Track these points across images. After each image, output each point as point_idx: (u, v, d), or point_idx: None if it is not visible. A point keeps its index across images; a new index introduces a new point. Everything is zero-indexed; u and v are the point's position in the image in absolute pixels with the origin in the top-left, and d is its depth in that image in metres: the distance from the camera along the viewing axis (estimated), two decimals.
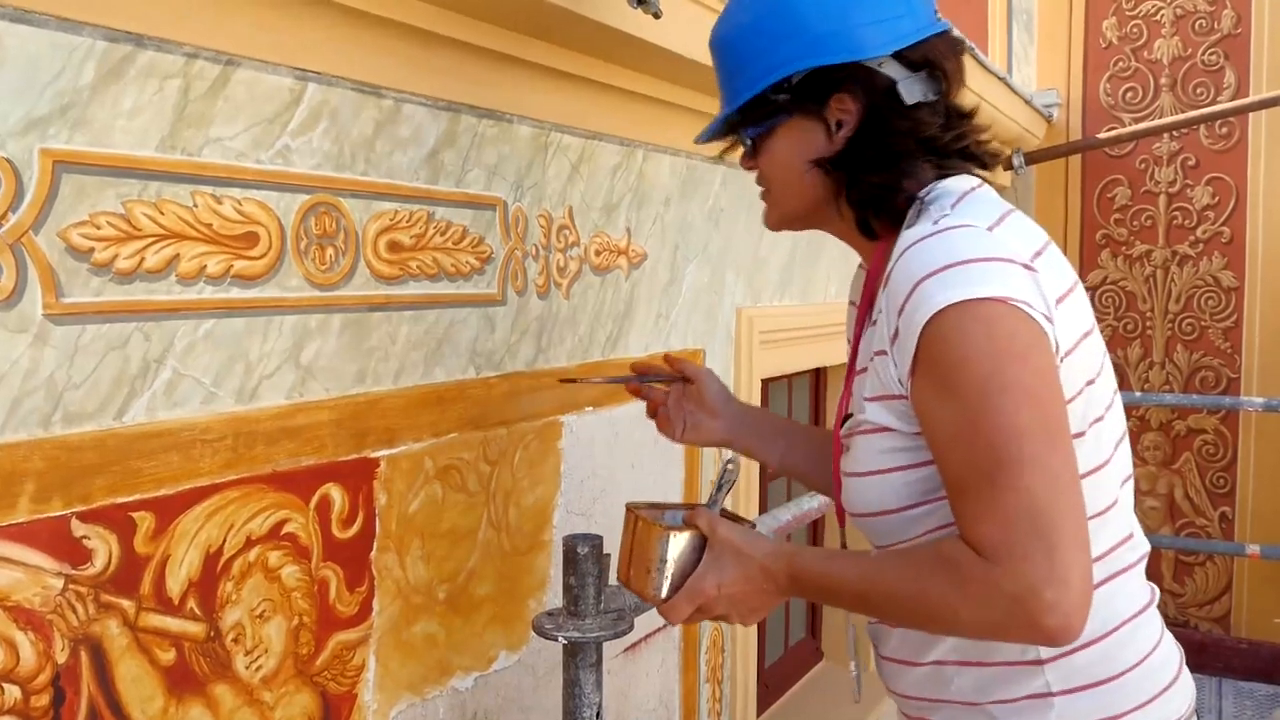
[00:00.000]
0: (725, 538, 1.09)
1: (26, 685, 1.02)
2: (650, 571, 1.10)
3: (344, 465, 1.38)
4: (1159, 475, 4.37)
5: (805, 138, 1.13)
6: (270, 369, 1.28)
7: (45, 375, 1.04)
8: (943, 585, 0.94)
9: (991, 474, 0.92)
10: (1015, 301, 0.94)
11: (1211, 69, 4.17)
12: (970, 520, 0.94)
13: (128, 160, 1.10)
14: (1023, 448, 0.91)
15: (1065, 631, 0.89)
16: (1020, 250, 0.99)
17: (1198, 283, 4.25)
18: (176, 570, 1.17)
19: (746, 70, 1.14)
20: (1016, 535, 0.89)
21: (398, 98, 1.45)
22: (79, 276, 1.06)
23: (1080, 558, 0.90)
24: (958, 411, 0.95)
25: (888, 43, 1.09)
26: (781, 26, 1.11)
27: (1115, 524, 1.09)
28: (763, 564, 1.07)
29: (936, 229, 0.99)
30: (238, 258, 1.22)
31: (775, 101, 1.13)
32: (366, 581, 1.42)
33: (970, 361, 0.93)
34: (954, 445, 0.96)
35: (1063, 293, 1.02)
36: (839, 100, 1.11)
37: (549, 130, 1.77)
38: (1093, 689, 1.07)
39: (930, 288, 0.96)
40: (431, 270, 1.52)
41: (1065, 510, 0.90)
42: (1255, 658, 4.09)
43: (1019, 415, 0.92)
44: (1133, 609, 1.10)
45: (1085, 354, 1.03)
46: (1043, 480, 0.90)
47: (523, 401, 1.72)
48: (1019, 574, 0.89)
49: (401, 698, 1.50)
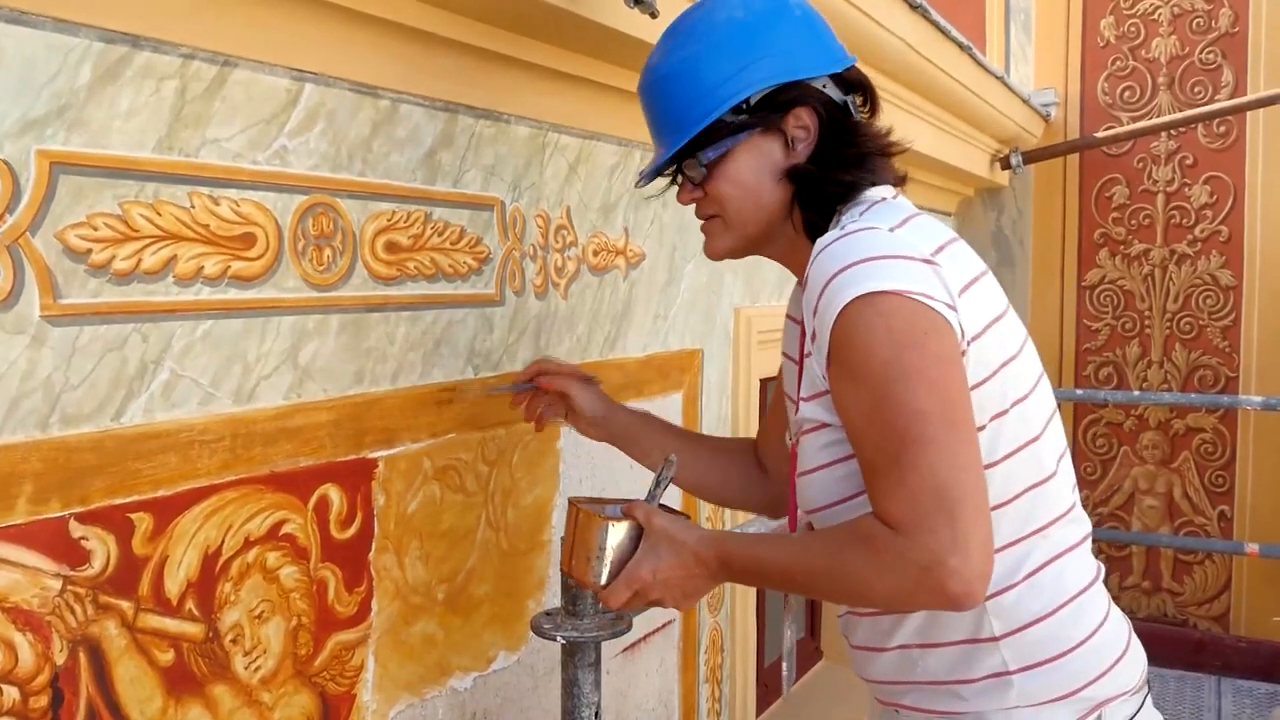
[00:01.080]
0: (660, 526, 1.16)
1: (25, 686, 1.02)
2: (590, 559, 1.17)
3: (342, 466, 1.38)
4: (1158, 474, 4.37)
5: (765, 153, 1.21)
6: (268, 370, 1.28)
7: (43, 376, 1.04)
8: (858, 558, 1.02)
9: (896, 454, 1.00)
10: (913, 294, 1.02)
11: (1209, 68, 4.18)
12: (880, 498, 1.02)
13: (125, 161, 1.10)
14: (924, 429, 0.99)
15: (968, 597, 0.97)
16: (920, 247, 1.07)
17: (1196, 281, 4.25)
18: (175, 571, 1.17)
19: (706, 97, 1.20)
20: (921, 509, 0.97)
21: (395, 98, 1.45)
22: (76, 278, 1.06)
23: (981, 529, 0.98)
24: (864, 398, 1.03)
25: (829, 65, 1.21)
26: (740, 51, 1.19)
27: (1055, 496, 1.16)
28: (695, 550, 1.14)
29: (843, 233, 1.09)
30: (235, 258, 1.23)
31: (732, 123, 1.20)
32: (365, 582, 1.42)
33: (872, 351, 1.02)
34: (864, 430, 1.04)
35: (967, 282, 1.09)
36: (796, 116, 1.20)
37: (546, 130, 1.77)
38: (1047, 665, 1.13)
39: (836, 285, 1.04)
40: (429, 271, 1.52)
41: (966, 485, 0.98)
42: (1254, 656, 4.09)
43: (918, 399, 1.00)
44: (1079, 585, 1.17)
45: (998, 336, 1.10)
46: (943, 458, 0.98)
47: None
48: (925, 544, 0.97)
49: (400, 698, 1.50)
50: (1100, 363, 4.41)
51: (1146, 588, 4.39)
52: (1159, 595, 4.38)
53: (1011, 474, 1.11)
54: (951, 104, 3.33)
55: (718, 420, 2.43)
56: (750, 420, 2.55)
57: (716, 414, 2.42)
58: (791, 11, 1.22)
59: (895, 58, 2.70)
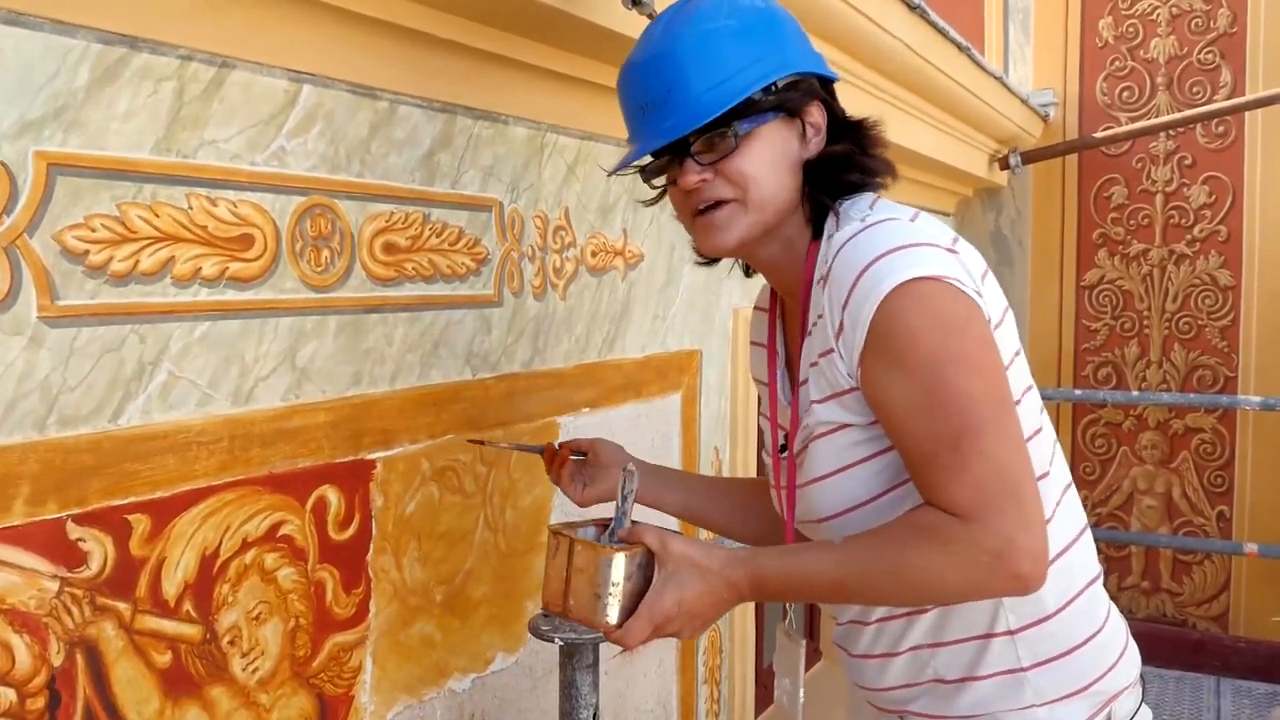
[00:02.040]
0: (680, 553, 1.07)
1: (22, 688, 1.02)
2: (599, 596, 1.05)
3: (340, 467, 1.38)
4: (1156, 474, 4.37)
5: (786, 140, 1.18)
6: (266, 371, 1.28)
7: (40, 378, 1.04)
8: (925, 552, 0.99)
9: (956, 441, 0.99)
10: (948, 279, 1.02)
11: (1208, 68, 4.18)
12: (941, 487, 1.00)
13: (122, 163, 1.10)
14: (981, 413, 0.99)
15: (1037, 576, 0.97)
16: (940, 238, 1.08)
17: (1195, 281, 4.25)
18: (172, 572, 1.17)
19: (745, 70, 1.13)
20: (989, 494, 0.97)
21: (393, 99, 1.45)
22: (74, 279, 1.06)
23: (1039, 508, 0.99)
24: (912, 387, 1.01)
25: (827, 71, 1.22)
26: (772, 38, 1.18)
27: (1054, 488, 1.16)
28: (723, 574, 1.06)
29: (864, 225, 1.08)
30: (233, 260, 1.22)
31: (762, 102, 1.15)
32: (363, 583, 1.42)
33: (919, 338, 1.01)
34: (913, 420, 1.02)
35: (982, 273, 1.11)
36: (809, 111, 1.19)
37: (545, 131, 1.77)
38: (1060, 660, 1.13)
39: (871, 276, 1.03)
40: (427, 272, 1.52)
41: (1024, 466, 0.99)
42: (1253, 656, 4.10)
43: (970, 384, 1.00)
44: (1087, 577, 1.18)
45: (1008, 330, 1.12)
46: (1001, 441, 0.98)
47: (519, 403, 1.72)
48: (996, 529, 0.96)
49: (398, 699, 1.50)
50: (1099, 363, 4.41)
51: (1145, 588, 4.39)
52: (1158, 595, 4.38)
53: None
54: (950, 104, 3.33)
55: (716, 420, 2.43)
56: (749, 420, 2.55)
57: (715, 414, 2.42)
58: (787, 13, 1.23)
59: (894, 58, 2.70)
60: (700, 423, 2.35)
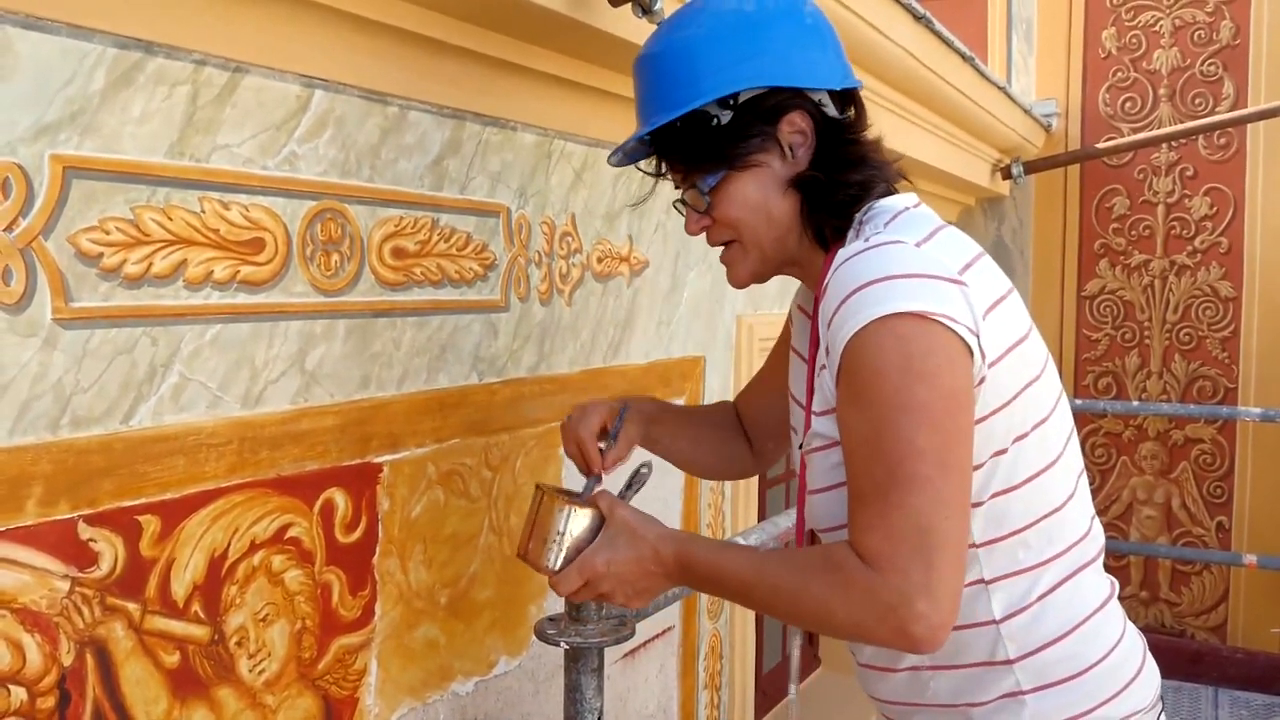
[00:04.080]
0: (622, 518, 1.13)
1: (32, 687, 1.03)
2: (547, 543, 1.14)
3: (347, 470, 1.39)
4: (1156, 484, 4.38)
5: (766, 166, 1.16)
6: (275, 374, 1.29)
7: (54, 379, 1.04)
8: (824, 585, 0.99)
9: (884, 488, 0.97)
10: (937, 316, 0.98)
11: (1210, 80, 4.19)
12: (861, 528, 0.99)
13: (137, 166, 1.11)
14: (917, 467, 0.96)
15: (929, 643, 0.95)
16: (948, 265, 1.03)
17: (1195, 293, 4.26)
18: (181, 574, 1.17)
19: (695, 82, 1.14)
20: (900, 550, 0.95)
21: (403, 105, 1.46)
22: (88, 281, 1.07)
23: (955, 577, 0.96)
24: (864, 423, 1.00)
25: (828, 80, 1.16)
26: (739, 44, 1.14)
27: (1074, 518, 1.14)
28: (654, 546, 1.11)
29: (868, 245, 1.04)
30: (244, 263, 1.23)
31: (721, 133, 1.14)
32: (369, 586, 1.43)
33: (882, 377, 0.98)
34: (856, 456, 1.01)
35: (993, 302, 1.05)
36: (789, 122, 1.15)
37: (552, 138, 1.78)
38: (1062, 685, 1.11)
39: (856, 303, 1.00)
40: (435, 276, 1.53)
41: (948, 532, 0.96)
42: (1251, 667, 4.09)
43: (918, 435, 0.97)
44: (1095, 603, 1.14)
45: (1019, 360, 1.07)
46: (931, 501, 0.96)
47: (525, 407, 1.73)
48: (896, 585, 0.95)
49: (402, 702, 1.50)
50: (1099, 373, 4.42)
51: (1144, 598, 4.39)
52: (1157, 605, 4.38)
53: (1031, 499, 1.09)
54: (954, 114, 3.34)
55: None
56: None
57: None
58: (802, 18, 1.16)
59: (899, 68, 2.71)
60: None
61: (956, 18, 4.26)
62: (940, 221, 1.13)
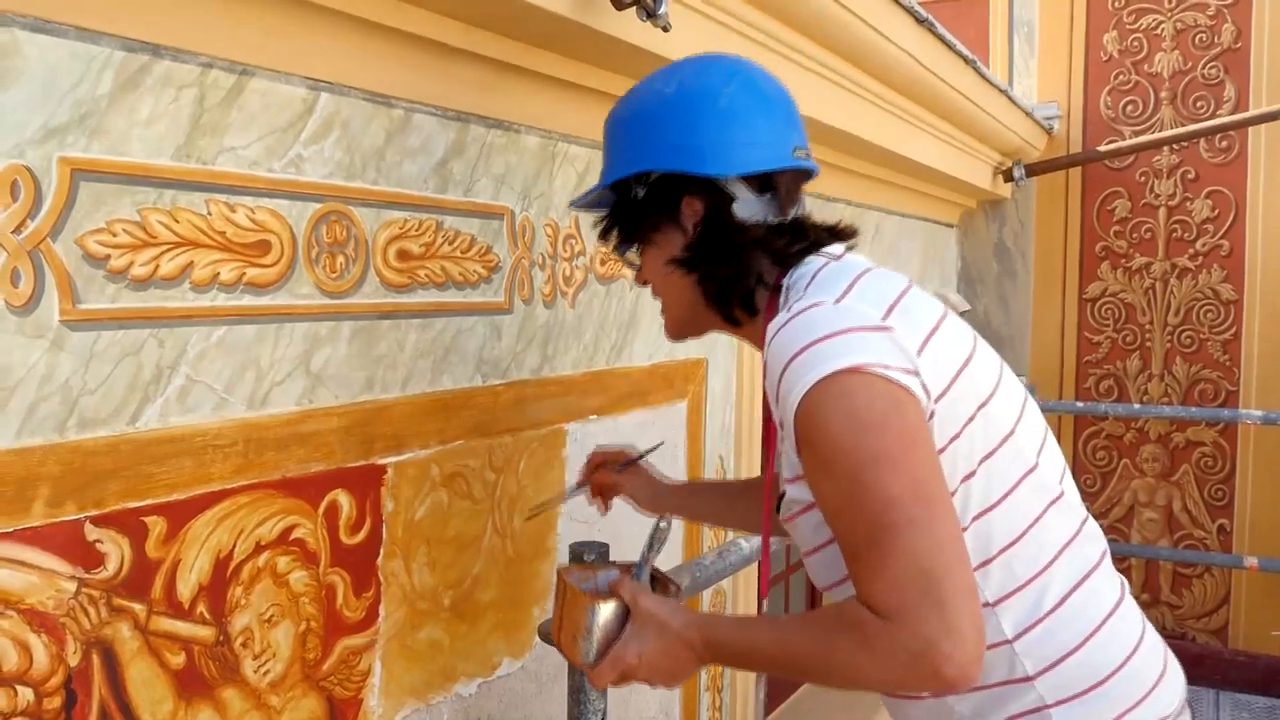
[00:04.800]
0: (646, 609, 1.13)
1: (39, 687, 1.03)
2: (578, 639, 1.15)
3: (352, 472, 1.39)
4: (1157, 487, 4.38)
5: (670, 242, 1.23)
6: (281, 376, 1.29)
7: (61, 380, 1.05)
8: (848, 646, 0.99)
9: (874, 540, 0.97)
10: (869, 368, 1.00)
11: (1211, 83, 4.20)
12: (865, 584, 0.99)
13: (144, 169, 1.12)
14: (898, 513, 0.96)
15: (964, 679, 0.94)
16: (870, 314, 1.05)
17: (1197, 295, 4.27)
18: (187, 575, 1.18)
19: (614, 158, 1.25)
20: (907, 595, 0.95)
21: (408, 107, 1.46)
22: (95, 283, 1.07)
23: (969, 607, 0.95)
24: (834, 487, 1.01)
25: (734, 166, 1.18)
26: (648, 129, 1.21)
27: (1061, 520, 1.13)
28: (680, 633, 1.11)
29: (790, 314, 1.07)
30: (250, 265, 1.24)
31: (638, 206, 1.23)
32: (373, 587, 1.43)
33: (835, 439, 1.00)
34: (839, 518, 1.02)
35: (926, 335, 1.07)
36: (689, 203, 1.20)
37: (556, 140, 1.78)
38: (1085, 696, 1.10)
39: (792, 374, 1.02)
40: (440, 279, 1.53)
41: (949, 564, 0.95)
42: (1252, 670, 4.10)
43: (888, 483, 0.97)
44: (1106, 609, 1.13)
45: (967, 383, 1.08)
46: (921, 540, 0.96)
47: (528, 409, 1.74)
48: (915, 631, 0.94)
49: (406, 703, 1.51)
50: (1101, 375, 4.42)
51: (1145, 600, 4.39)
52: (1158, 608, 4.38)
53: (1013, 513, 1.09)
54: (955, 116, 3.35)
55: (721, 430, 2.44)
56: (753, 429, 2.56)
57: (720, 423, 2.43)
58: (716, 101, 1.18)
59: (901, 70, 2.71)
60: (706, 431, 2.36)
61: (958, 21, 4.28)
62: (861, 267, 1.15)
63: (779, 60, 2.17)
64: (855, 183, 3.19)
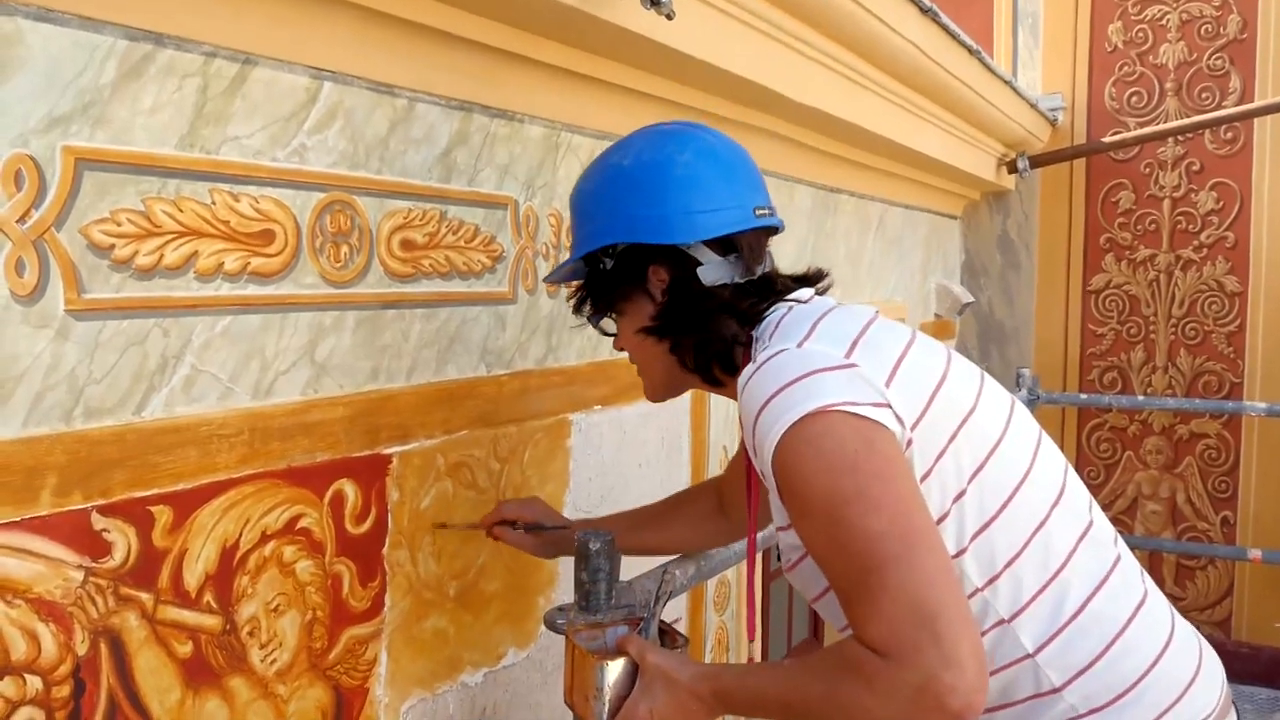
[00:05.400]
0: (653, 665, 1.15)
1: (47, 676, 1.03)
2: (589, 699, 1.17)
3: (357, 461, 1.39)
4: (1161, 479, 4.38)
5: (640, 311, 1.25)
6: (285, 365, 1.29)
7: (67, 370, 1.05)
8: (851, 687, 0.99)
9: (862, 580, 0.98)
10: (836, 407, 1.01)
11: (1217, 74, 4.18)
12: (860, 625, 0.99)
13: (148, 158, 1.11)
14: (882, 551, 0.97)
15: (969, 710, 0.94)
16: (832, 354, 1.06)
17: (1201, 287, 4.26)
18: (194, 564, 1.18)
19: (582, 232, 1.27)
20: (902, 631, 0.94)
21: (411, 97, 1.46)
22: (100, 273, 1.07)
23: (966, 635, 0.94)
24: (817, 531, 1.02)
25: (696, 232, 1.19)
26: (608, 203, 1.24)
27: (1067, 520, 1.12)
28: (690, 688, 1.13)
29: (756, 365, 1.09)
30: (254, 255, 1.24)
31: (607, 277, 1.25)
32: (379, 577, 1.43)
33: (811, 484, 1.01)
34: (827, 562, 1.03)
35: (893, 365, 1.07)
36: (655, 271, 1.22)
37: (560, 130, 1.78)
38: (1117, 703, 1.09)
39: (763, 424, 1.04)
40: (444, 268, 1.53)
41: (941, 596, 0.95)
42: (1255, 662, 4.10)
43: (869, 522, 0.98)
44: (1129, 609, 1.12)
45: (944, 403, 1.08)
46: (910, 575, 0.96)
47: (532, 400, 1.74)
48: (915, 666, 0.93)
49: (412, 692, 1.51)
50: (1105, 367, 4.42)
51: None
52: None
53: (1014, 520, 1.08)
54: (960, 108, 3.34)
55: (725, 420, 2.43)
56: None
57: (724, 414, 2.43)
58: (672, 170, 1.20)
59: (905, 61, 2.71)
60: (710, 422, 2.36)
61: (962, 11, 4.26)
62: (824, 308, 1.17)
63: (782, 50, 2.17)
64: (859, 174, 3.18)
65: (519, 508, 1.54)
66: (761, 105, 2.31)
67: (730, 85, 2.07)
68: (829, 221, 3.05)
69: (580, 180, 1.31)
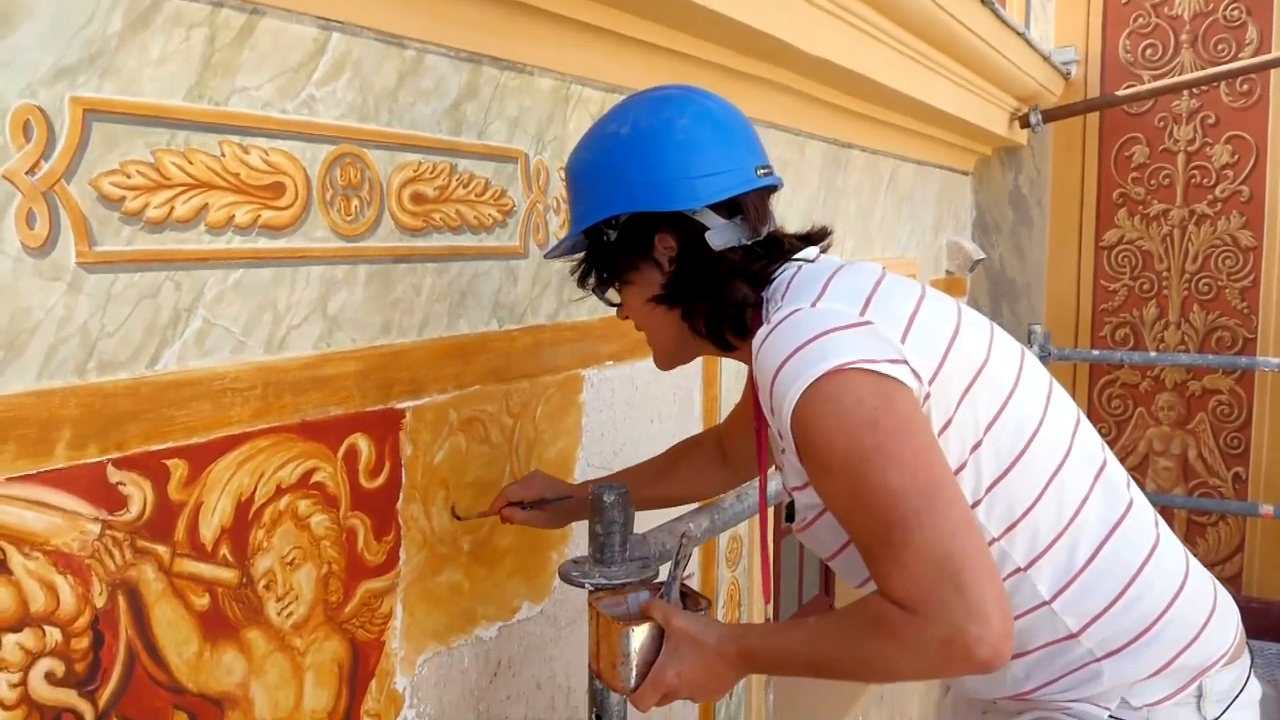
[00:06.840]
0: (679, 628, 1.15)
1: (67, 628, 1.04)
2: (617, 665, 1.17)
3: (370, 415, 1.39)
4: (1173, 435, 4.37)
5: (648, 280, 1.23)
6: (298, 319, 1.29)
7: (79, 323, 1.04)
8: (877, 641, 1.00)
9: (886, 536, 0.98)
10: (853, 364, 1.01)
11: (1233, 25, 4.12)
12: (884, 579, 1.00)
13: (156, 109, 1.10)
14: (904, 506, 0.97)
15: (997, 659, 0.95)
16: (846, 311, 1.06)
17: (1215, 242, 4.22)
18: (209, 517, 1.18)
19: (582, 205, 1.25)
20: (927, 585, 0.96)
21: (420, 48, 1.44)
22: (110, 225, 1.07)
23: (991, 588, 0.95)
24: (839, 488, 1.03)
25: (701, 197, 1.18)
26: (609, 173, 1.21)
27: (1082, 470, 1.13)
28: (717, 648, 1.13)
29: (771, 326, 1.08)
30: (265, 208, 1.23)
31: (612, 248, 1.23)
32: (393, 531, 1.44)
33: (831, 441, 1.01)
34: (849, 518, 1.04)
35: (907, 321, 1.07)
36: (661, 239, 1.20)
37: (570, 83, 1.76)
38: (1134, 645, 1.11)
39: (781, 385, 1.04)
40: (455, 222, 1.52)
41: (964, 548, 0.96)
42: (1265, 617, 4.11)
43: (889, 477, 0.98)
44: (1142, 553, 1.13)
45: (959, 356, 1.09)
46: (932, 529, 0.96)
47: (544, 355, 1.73)
48: (940, 618, 0.95)
49: (427, 646, 1.52)
50: (1117, 323, 4.39)
51: None
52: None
53: (1029, 471, 1.09)
54: (972, 60, 3.30)
55: (736, 376, 2.43)
56: None
57: (735, 370, 2.42)
58: (672, 135, 1.18)
59: (917, 11, 2.67)
60: (721, 378, 2.36)
61: None
62: (833, 266, 1.16)
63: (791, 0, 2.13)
64: (870, 128, 3.15)
65: (521, 488, 1.55)
66: (773, 58, 2.28)
67: (741, 36, 2.04)
68: (840, 177, 3.03)
69: (577, 151, 1.28)
